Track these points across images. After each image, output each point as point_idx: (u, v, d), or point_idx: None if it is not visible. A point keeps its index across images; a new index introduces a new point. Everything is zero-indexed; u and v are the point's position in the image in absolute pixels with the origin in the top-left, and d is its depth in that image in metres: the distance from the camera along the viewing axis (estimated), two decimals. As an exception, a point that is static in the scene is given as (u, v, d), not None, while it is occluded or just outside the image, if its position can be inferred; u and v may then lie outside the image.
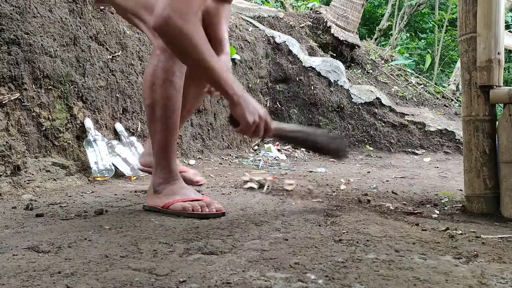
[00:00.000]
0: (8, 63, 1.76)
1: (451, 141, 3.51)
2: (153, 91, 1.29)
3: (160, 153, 1.36)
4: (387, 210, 1.50)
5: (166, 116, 1.31)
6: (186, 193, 1.36)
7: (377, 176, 2.40)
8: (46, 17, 1.93)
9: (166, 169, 1.37)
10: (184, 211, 1.30)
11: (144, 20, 1.25)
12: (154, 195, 1.38)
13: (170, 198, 1.34)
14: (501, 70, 1.47)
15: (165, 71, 1.27)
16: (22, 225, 1.22)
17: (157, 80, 1.28)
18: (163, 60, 1.26)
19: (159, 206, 1.35)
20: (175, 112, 1.32)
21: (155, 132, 1.33)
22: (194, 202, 1.31)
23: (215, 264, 0.89)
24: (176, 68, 1.28)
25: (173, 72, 1.28)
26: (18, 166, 1.73)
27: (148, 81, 1.30)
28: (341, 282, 0.80)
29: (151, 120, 1.33)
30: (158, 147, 1.35)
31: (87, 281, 0.78)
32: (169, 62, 1.26)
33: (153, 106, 1.30)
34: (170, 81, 1.28)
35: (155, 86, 1.28)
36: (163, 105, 1.29)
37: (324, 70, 3.70)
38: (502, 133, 1.42)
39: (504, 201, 1.41)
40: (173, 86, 1.29)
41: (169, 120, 1.32)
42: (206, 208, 1.30)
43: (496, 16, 1.44)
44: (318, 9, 4.69)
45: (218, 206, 1.33)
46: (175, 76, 1.28)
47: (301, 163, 3.00)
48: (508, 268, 0.89)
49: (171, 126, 1.33)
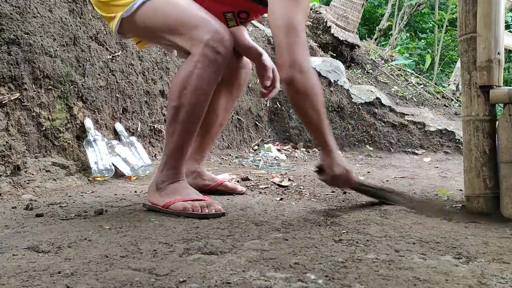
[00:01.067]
0: (8, 63, 1.76)
1: (451, 141, 3.51)
2: (182, 94, 1.31)
3: (173, 154, 1.38)
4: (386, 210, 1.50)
5: (190, 121, 1.34)
6: (188, 193, 1.37)
7: (377, 176, 2.40)
8: (46, 17, 1.93)
9: (174, 169, 1.39)
10: (185, 211, 1.31)
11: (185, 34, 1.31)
12: (156, 192, 1.39)
13: (172, 197, 1.35)
14: (501, 70, 1.47)
15: (199, 79, 1.30)
16: (22, 225, 1.22)
17: (189, 86, 1.30)
18: (200, 68, 1.29)
19: (159, 205, 1.37)
20: (199, 120, 1.36)
21: (174, 133, 1.35)
22: (194, 202, 1.33)
23: (215, 264, 0.89)
24: (212, 79, 1.32)
25: (208, 81, 1.31)
26: (18, 166, 1.73)
27: (179, 84, 1.32)
28: (341, 282, 0.80)
29: (173, 121, 1.35)
30: (173, 148, 1.37)
31: (87, 281, 0.78)
32: (206, 71, 1.29)
33: (178, 108, 1.33)
34: (203, 89, 1.31)
35: (186, 90, 1.31)
36: (189, 110, 1.32)
37: (324, 70, 3.69)
38: (502, 133, 1.42)
39: (504, 201, 1.41)
40: (204, 95, 1.33)
41: (191, 126, 1.35)
42: (206, 208, 1.32)
43: (496, 16, 1.44)
44: (318, 9, 4.69)
45: (218, 207, 1.34)
46: (208, 85, 1.32)
47: (301, 163, 3.00)
48: (508, 268, 0.89)
49: (191, 132, 1.37)
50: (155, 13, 1.34)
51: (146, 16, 1.34)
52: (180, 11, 1.32)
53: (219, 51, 1.28)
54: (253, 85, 3.47)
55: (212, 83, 1.33)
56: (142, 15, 1.35)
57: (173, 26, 1.32)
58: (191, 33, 1.29)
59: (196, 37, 1.28)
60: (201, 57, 1.28)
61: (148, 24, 1.36)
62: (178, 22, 1.31)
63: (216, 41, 1.27)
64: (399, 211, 1.49)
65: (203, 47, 1.27)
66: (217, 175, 1.82)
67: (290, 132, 3.64)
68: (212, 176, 1.74)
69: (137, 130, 2.36)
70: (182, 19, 1.31)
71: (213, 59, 1.28)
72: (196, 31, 1.28)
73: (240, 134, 3.30)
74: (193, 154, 1.67)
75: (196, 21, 1.29)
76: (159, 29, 1.36)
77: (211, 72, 1.30)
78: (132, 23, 1.37)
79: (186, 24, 1.30)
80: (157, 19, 1.34)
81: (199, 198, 1.36)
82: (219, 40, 1.28)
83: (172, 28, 1.33)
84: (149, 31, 1.39)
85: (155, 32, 1.38)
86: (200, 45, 1.28)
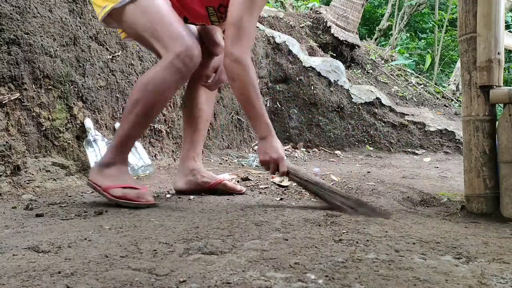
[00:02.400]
0: (8, 63, 1.76)
1: (451, 141, 3.51)
2: (144, 90, 1.46)
3: (122, 140, 1.51)
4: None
5: (144, 115, 1.47)
6: (127, 180, 1.49)
7: (377, 176, 2.40)
8: (46, 17, 1.93)
9: (120, 155, 1.51)
10: (122, 197, 1.44)
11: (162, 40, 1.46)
12: (98, 173, 1.50)
13: (112, 181, 1.47)
14: (501, 70, 1.47)
15: (163, 82, 1.45)
16: (22, 225, 1.22)
17: (152, 85, 1.45)
18: (166, 73, 1.45)
19: (101, 186, 1.47)
20: (152, 116, 1.52)
21: (128, 122, 1.48)
22: (131, 190, 1.46)
23: (215, 264, 0.89)
24: (175, 84, 1.48)
25: (170, 85, 1.47)
26: (18, 166, 1.73)
27: (144, 82, 1.47)
28: (341, 282, 0.80)
29: (130, 112, 1.48)
30: (124, 135, 1.50)
31: (87, 281, 0.78)
32: (173, 76, 1.45)
33: (137, 101, 1.46)
34: (163, 91, 1.47)
35: (149, 87, 1.46)
36: (146, 105, 1.46)
37: (324, 70, 3.69)
38: (502, 133, 1.42)
39: (504, 201, 1.41)
40: (163, 96, 1.48)
41: (144, 120, 1.49)
42: (140, 198, 1.46)
43: (496, 16, 1.44)
44: (318, 9, 4.69)
45: (150, 198, 1.48)
46: (171, 89, 1.48)
47: (301, 163, 3.00)
48: (508, 268, 0.89)
49: (144, 125, 1.53)
50: (143, 13, 1.47)
51: (134, 12, 1.47)
52: (164, 20, 1.47)
53: (186, 63, 1.45)
54: (253, 85, 3.47)
55: (173, 89, 1.49)
56: (131, 10, 1.47)
57: (154, 30, 1.47)
58: (167, 41, 1.45)
59: (170, 46, 1.45)
60: (169, 64, 1.44)
61: (134, 20, 1.49)
62: (159, 28, 1.46)
63: (186, 55, 1.44)
64: (399, 211, 1.49)
65: (173, 57, 1.44)
66: (217, 175, 1.83)
67: (290, 132, 3.64)
68: (212, 174, 1.79)
69: (137, 130, 2.36)
70: (163, 27, 1.46)
71: (179, 69, 1.45)
72: (171, 41, 1.45)
73: (240, 134, 3.30)
74: (188, 153, 1.76)
75: (174, 33, 1.46)
76: (142, 28, 1.49)
77: (174, 79, 1.46)
78: (120, 15, 1.49)
79: (165, 33, 1.46)
80: (143, 19, 1.47)
81: (135, 186, 1.48)
82: (189, 55, 1.45)
83: (152, 31, 1.47)
84: (133, 26, 1.51)
85: (137, 29, 1.51)
86: (171, 54, 1.44)
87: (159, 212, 1.39)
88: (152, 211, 1.42)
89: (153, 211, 1.41)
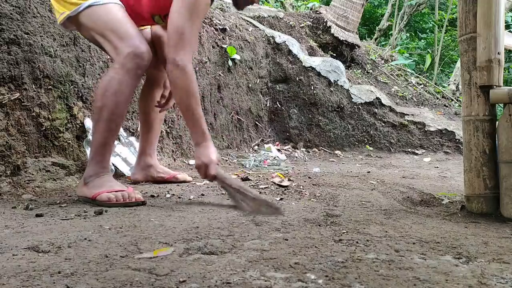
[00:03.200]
0: (8, 63, 1.76)
1: (451, 141, 3.51)
2: (104, 96, 1.53)
3: (98, 150, 1.57)
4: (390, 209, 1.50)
5: (111, 119, 1.54)
6: (112, 185, 1.55)
7: (377, 176, 2.40)
8: (46, 17, 1.93)
9: (100, 164, 1.57)
10: (109, 201, 1.49)
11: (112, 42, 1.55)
12: (83, 186, 1.56)
13: (97, 189, 1.53)
14: (501, 70, 1.47)
15: (119, 83, 1.53)
16: (22, 225, 1.22)
17: (110, 89, 1.53)
18: (120, 74, 1.53)
19: (88, 196, 1.53)
20: (119, 119, 1.57)
21: (98, 131, 1.56)
22: (117, 192, 1.51)
23: (215, 264, 0.89)
24: (130, 83, 1.55)
25: (126, 85, 1.54)
26: (18, 166, 1.73)
27: (102, 88, 1.55)
28: (341, 282, 0.80)
29: (97, 121, 1.56)
30: (98, 144, 1.56)
31: (87, 281, 0.78)
32: (126, 76, 1.53)
33: (102, 108, 1.54)
34: (122, 92, 1.54)
35: (108, 93, 1.53)
36: (110, 110, 1.53)
37: (324, 70, 3.69)
38: (502, 133, 1.42)
39: (504, 201, 1.41)
40: (123, 97, 1.54)
41: (113, 125, 1.55)
42: (128, 198, 1.51)
43: (496, 16, 1.44)
44: (318, 9, 4.69)
45: (138, 196, 1.53)
46: (127, 89, 1.55)
47: (301, 163, 3.00)
48: (508, 268, 0.89)
49: (113, 130, 1.57)
50: (97, 18, 1.57)
51: (89, 17, 1.58)
52: (115, 22, 1.56)
53: (136, 62, 1.53)
54: (253, 85, 3.47)
55: (130, 87, 1.55)
56: (86, 16, 1.58)
57: (106, 33, 1.56)
58: (117, 43, 1.54)
59: (120, 48, 1.53)
60: (121, 65, 1.53)
61: (88, 25, 1.59)
62: (109, 33, 1.55)
63: (134, 55, 1.52)
64: (399, 211, 1.49)
65: (123, 58, 1.52)
66: None
67: (290, 132, 3.64)
68: (166, 169, 2.04)
69: (136, 130, 2.36)
70: (114, 30, 1.55)
71: (131, 68, 1.53)
72: (121, 43, 1.53)
73: (240, 134, 3.30)
74: (146, 150, 1.97)
75: (124, 35, 1.54)
76: (95, 31, 1.59)
77: (129, 79, 1.54)
78: (76, 21, 1.61)
79: (115, 35, 1.55)
80: (96, 23, 1.57)
81: (121, 189, 1.53)
82: (137, 54, 1.53)
83: (104, 34, 1.57)
84: (87, 30, 1.61)
85: (91, 33, 1.60)
86: (121, 56, 1.53)
87: (159, 212, 1.39)
88: (152, 211, 1.42)
89: (153, 211, 1.41)
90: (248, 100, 3.42)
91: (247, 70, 3.43)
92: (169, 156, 2.55)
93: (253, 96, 3.48)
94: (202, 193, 1.77)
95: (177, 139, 2.64)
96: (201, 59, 2.93)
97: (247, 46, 3.45)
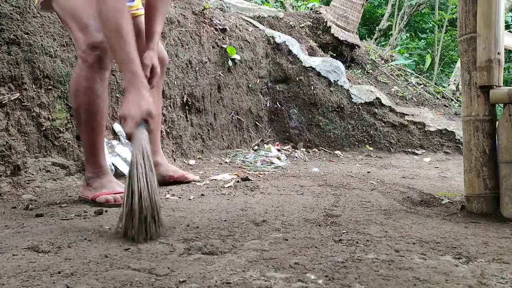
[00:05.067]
0: (8, 63, 1.76)
1: (451, 141, 3.51)
2: (77, 96, 1.50)
3: (88, 150, 1.56)
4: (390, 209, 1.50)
5: (90, 119, 1.51)
6: (113, 186, 1.55)
7: (377, 176, 2.40)
8: (46, 17, 1.93)
9: (95, 164, 1.57)
10: (107, 202, 1.50)
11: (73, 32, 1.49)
12: (86, 187, 1.57)
13: (98, 190, 1.54)
14: (501, 70, 1.47)
15: (86, 80, 1.47)
16: (22, 225, 1.22)
17: (80, 87, 1.48)
18: (84, 69, 1.47)
19: (89, 197, 1.55)
20: (98, 115, 1.52)
21: (82, 133, 1.54)
22: (116, 194, 1.52)
23: (215, 264, 0.89)
24: (97, 76, 1.48)
25: (93, 80, 1.48)
26: (18, 166, 1.73)
27: (72, 88, 1.51)
28: (341, 282, 0.80)
29: (78, 123, 1.54)
30: (87, 145, 1.56)
31: (87, 281, 0.78)
32: (90, 71, 1.47)
33: (78, 110, 1.51)
34: (92, 88, 1.48)
35: (79, 92, 1.49)
36: (86, 109, 1.49)
37: (324, 70, 3.69)
38: (502, 133, 1.42)
39: (504, 201, 1.41)
40: (94, 93, 1.49)
41: (94, 123, 1.51)
42: None
43: (496, 16, 1.44)
44: (318, 9, 4.69)
45: None
46: (96, 83, 1.49)
47: (301, 163, 3.00)
48: (508, 268, 0.89)
49: (96, 128, 1.53)
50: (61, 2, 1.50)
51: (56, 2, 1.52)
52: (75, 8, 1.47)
53: (97, 54, 1.45)
54: (253, 85, 3.47)
55: (99, 81, 1.49)
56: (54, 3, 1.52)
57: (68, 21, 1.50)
58: (76, 34, 1.48)
59: (79, 40, 1.47)
60: (83, 60, 1.47)
61: (56, 9, 1.54)
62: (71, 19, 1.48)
63: (94, 47, 1.45)
64: (399, 211, 1.49)
65: (83, 52, 1.46)
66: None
67: (290, 132, 3.64)
68: (174, 168, 2.01)
69: (137, 130, 2.36)
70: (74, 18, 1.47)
71: (93, 61, 1.46)
72: (79, 34, 1.47)
73: (240, 134, 3.30)
74: None
75: (81, 24, 1.46)
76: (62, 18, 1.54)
77: (94, 73, 1.47)
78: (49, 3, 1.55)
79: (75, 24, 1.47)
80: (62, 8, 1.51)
81: (121, 191, 1.52)
82: (97, 45, 1.44)
83: (67, 22, 1.50)
84: (58, 16, 1.58)
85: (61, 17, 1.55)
86: (81, 50, 1.47)
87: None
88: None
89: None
90: (248, 100, 3.42)
91: (247, 70, 3.43)
92: (169, 156, 2.54)
93: (253, 96, 3.48)
94: (202, 193, 1.77)
95: (177, 139, 2.64)
96: (201, 59, 2.93)
97: (247, 46, 3.45)
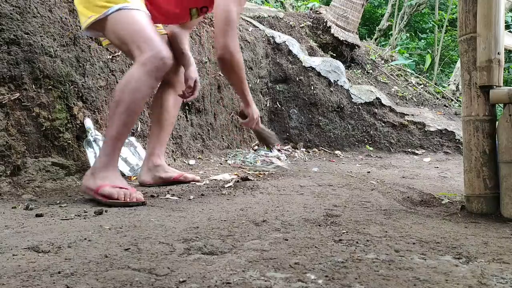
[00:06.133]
0: (8, 63, 1.76)
1: (451, 141, 3.51)
2: (123, 91, 1.58)
3: (110, 143, 1.61)
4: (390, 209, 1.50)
5: (127, 114, 1.58)
6: (116, 181, 1.58)
7: (377, 176, 2.40)
8: (46, 17, 1.93)
9: (109, 157, 1.60)
10: (110, 195, 1.52)
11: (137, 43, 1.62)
12: (90, 177, 1.59)
13: (102, 181, 1.56)
14: (501, 70, 1.47)
15: (138, 82, 1.58)
16: (22, 225, 1.22)
17: (129, 85, 1.58)
18: (141, 73, 1.58)
19: (92, 187, 1.56)
20: (135, 114, 1.62)
21: (112, 125, 1.60)
22: (120, 189, 1.54)
23: (215, 264, 0.89)
24: (148, 84, 1.60)
25: (144, 84, 1.60)
26: (18, 166, 1.73)
27: (122, 84, 1.60)
28: (341, 282, 0.80)
29: (114, 113, 1.60)
30: (111, 138, 1.60)
31: (87, 281, 0.78)
32: (145, 76, 1.58)
33: (119, 102, 1.58)
34: (140, 90, 1.59)
35: (127, 88, 1.58)
36: (127, 105, 1.58)
37: (324, 70, 3.69)
38: (502, 133, 1.42)
39: (504, 201, 1.41)
40: (141, 94, 1.60)
41: (128, 118, 1.60)
42: (129, 197, 1.52)
43: (496, 16, 1.44)
44: (318, 9, 4.69)
45: (139, 197, 1.55)
46: (144, 87, 1.60)
47: (301, 163, 3.00)
48: (508, 268, 0.89)
49: (128, 125, 1.62)
50: (125, 21, 1.63)
51: (117, 20, 1.63)
52: (141, 26, 1.63)
53: (157, 65, 1.59)
54: (253, 85, 3.47)
55: (148, 87, 1.61)
56: (114, 19, 1.63)
57: (130, 37, 1.62)
58: (140, 45, 1.60)
59: (144, 49, 1.59)
60: (142, 64, 1.58)
61: (115, 27, 1.64)
62: (136, 34, 1.62)
63: (157, 57, 1.58)
64: (399, 211, 1.49)
65: (145, 58, 1.58)
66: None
67: (290, 132, 3.64)
68: (173, 169, 2.06)
69: (137, 130, 2.36)
70: (140, 33, 1.62)
71: (151, 69, 1.58)
72: (144, 45, 1.60)
73: (240, 134, 3.30)
74: (155, 150, 1.97)
75: (148, 38, 1.61)
76: (121, 34, 1.64)
77: (149, 78, 1.59)
78: (103, 24, 1.64)
79: (141, 37, 1.61)
80: (124, 26, 1.63)
81: (124, 186, 1.57)
82: (160, 57, 1.59)
83: (129, 38, 1.62)
84: (113, 32, 1.66)
85: (116, 35, 1.65)
86: (144, 56, 1.58)
87: (159, 212, 1.39)
88: (152, 211, 1.42)
89: (153, 211, 1.41)
90: (248, 100, 3.42)
91: (247, 70, 3.43)
92: (169, 156, 2.54)
93: (253, 96, 3.48)
94: (202, 193, 1.77)
95: (177, 139, 2.64)
96: (201, 59, 2.93)
97: (247, 46, 3.45)
